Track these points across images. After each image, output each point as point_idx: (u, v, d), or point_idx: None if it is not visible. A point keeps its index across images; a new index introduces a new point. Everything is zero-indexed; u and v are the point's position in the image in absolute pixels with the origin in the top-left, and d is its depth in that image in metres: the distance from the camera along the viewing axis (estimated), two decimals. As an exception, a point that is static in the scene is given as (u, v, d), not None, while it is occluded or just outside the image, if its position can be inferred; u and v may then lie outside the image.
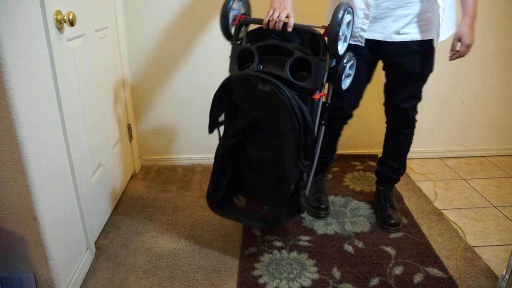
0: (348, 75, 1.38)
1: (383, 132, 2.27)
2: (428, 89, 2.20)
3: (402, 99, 1.56)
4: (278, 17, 1.28)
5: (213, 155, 2.26)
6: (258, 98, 1.30)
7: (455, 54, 1.47)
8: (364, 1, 1.38)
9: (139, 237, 1.62)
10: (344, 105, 1.59)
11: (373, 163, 2.24)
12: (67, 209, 1.33)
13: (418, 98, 1.58)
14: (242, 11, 1.47)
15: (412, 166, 2.24)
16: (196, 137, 2.24)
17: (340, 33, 1.23)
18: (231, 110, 1.43)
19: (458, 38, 1.44)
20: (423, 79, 1.54)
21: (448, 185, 2.04)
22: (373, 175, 2.08)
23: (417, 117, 2.25)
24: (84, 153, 1.50)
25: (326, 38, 1.26)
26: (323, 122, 1.43)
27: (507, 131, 2.33)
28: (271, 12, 1.31)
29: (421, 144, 2.33)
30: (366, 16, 1.40)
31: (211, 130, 1.45)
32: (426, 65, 1.49)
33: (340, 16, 1.20)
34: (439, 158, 2.35)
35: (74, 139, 1.38)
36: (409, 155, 2.31)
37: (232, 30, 1.42)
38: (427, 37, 1.42)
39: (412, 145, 2.29)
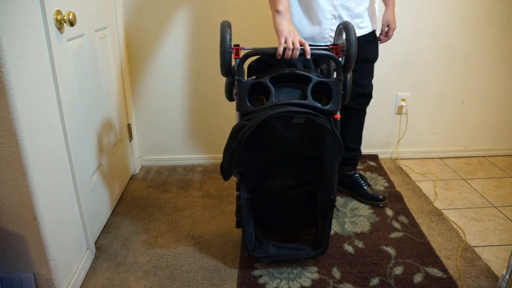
0: None
1: (383, 132, 2.29)
2: (428, 89, 2.22)
3: (368, 85, 1.74)
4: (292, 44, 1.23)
5: (213, 155, 2.29)
6: (291, 131, 1.25)
7: (385, 38, 1.72)
8: (330, 3, 1.49)
9: (139, 237, 1.62)
10: None
11: (373, 163, 2.24)
12: (67, 209, 1.33)
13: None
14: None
15: (412, 166, 2.24)
16: (196, 137, 2.24)
17: None
18: (253, 151, 1.30)
19: (387, 24, 1.69)
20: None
21: (448, 185, 2.04)
22: (374, 175, 2.10)
23: (417, 116, 2.28)
24: (84, 153, 1.50)
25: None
26: None
27: (507, 131, 2.33)
28: (283, 40, 1.24)
29: (421, 144, 2.34)
30: (334, 17, 1.52)
31: (228, 177, 1.33)
32: (377, 50, 1.72)
33: (355, 35, 1.25)
34: (439, 158, 2.35)
35: (74, 139, 1.38)
36: (409, 155, 2.34)
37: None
38: (373, 27, 1.64)
39: (412, 145, 2.32)
